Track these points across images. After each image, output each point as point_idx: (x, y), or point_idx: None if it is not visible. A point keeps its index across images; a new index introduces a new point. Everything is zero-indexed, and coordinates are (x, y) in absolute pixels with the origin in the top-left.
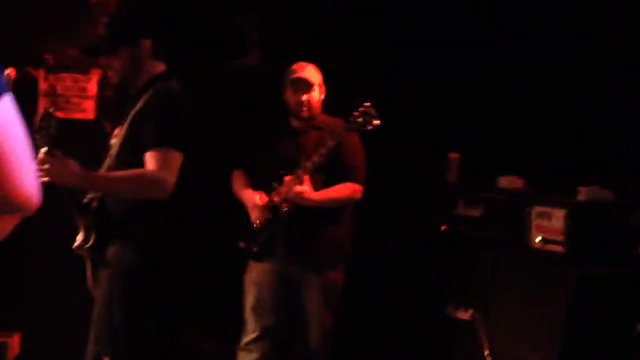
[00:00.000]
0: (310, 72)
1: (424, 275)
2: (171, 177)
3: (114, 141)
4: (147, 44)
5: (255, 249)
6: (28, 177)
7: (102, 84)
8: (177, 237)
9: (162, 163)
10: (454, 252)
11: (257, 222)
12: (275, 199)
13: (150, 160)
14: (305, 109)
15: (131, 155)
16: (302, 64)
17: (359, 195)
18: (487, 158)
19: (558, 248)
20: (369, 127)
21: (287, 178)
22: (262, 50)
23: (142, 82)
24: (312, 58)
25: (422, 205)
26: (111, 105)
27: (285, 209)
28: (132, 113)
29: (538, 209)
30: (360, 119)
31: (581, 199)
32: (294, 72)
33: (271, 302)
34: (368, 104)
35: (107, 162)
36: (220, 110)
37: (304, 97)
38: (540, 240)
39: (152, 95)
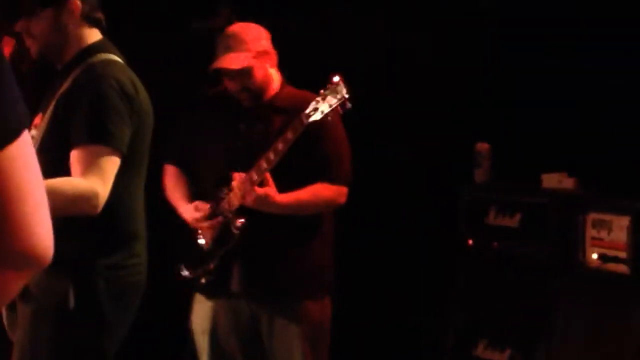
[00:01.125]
0: (234, 56)
1: (445, 304)
2: (102, 186)
3: (34, 133)
4: (76, 3)
5: (202, 280)
6: (45, 223)
7: (17, 56)
8: (119, 261)
9: (91, 166)
10: (484, 274)
11: (203, 243)
12: (226, 209)
13: (76, 162)
14: (245, 96)
15: (57, 153)
16: (226, 35)
17: (342, 199)
18: (526, 150)
19: (621, 267)
20: (338, 110)
21: (237, 178)
22: (233, 9)
23: (70, 55)
24: (302, 18)
25: (443, 213)
26: (29, 84)
27: (240, 222)
28: (57, 96)
29: (594, 216)
30: (329, 100)
31: None
32: (216, 57)
33: (231, 355)
34: (337, 78)
35: None
36: (180, 88)
37: (235, 85)
38: (597, 258)
39: (83, 72)
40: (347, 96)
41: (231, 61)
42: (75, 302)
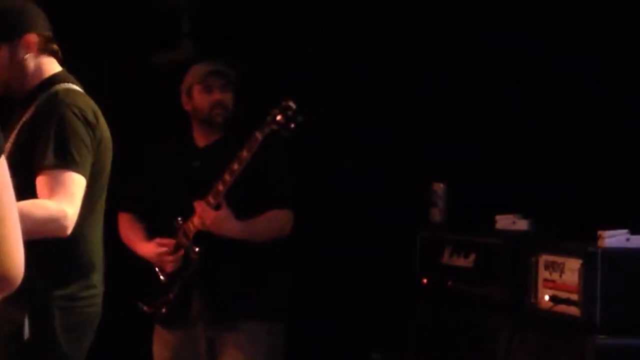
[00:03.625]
0: (227, 68)
1: (400, 341)
2: (71, 209)
3: None
4: (31, 39)
5: (162, 310)
6: (19, 246)
7: None
8: (76, 292)
9: (59, 189)
10: (438, 312)
11: (162, 276)
12: (182, 240)
13: (43, 185)
14: (220, 111)
15: (20, 180)
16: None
17: (290, 225)
18: (482, 190)
19: (572, 310)
20: (290, 127)
21: (196, 205)
22: (195, 42)
23: (31, 86)
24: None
25: (401, 251)
26: None
27: (197, 249)
28: (20, 124)
29: (547, 258)
30: (279, 118)
31: (603, 245)
32: (203, 66)
33: None
34: (288, 100)
35: None
36: (141, 121)
37: (220, 96)
38: (549, 300)
39: (46, 100)
40: (298, 117)
41: (226, 69)
42: (30, 332)
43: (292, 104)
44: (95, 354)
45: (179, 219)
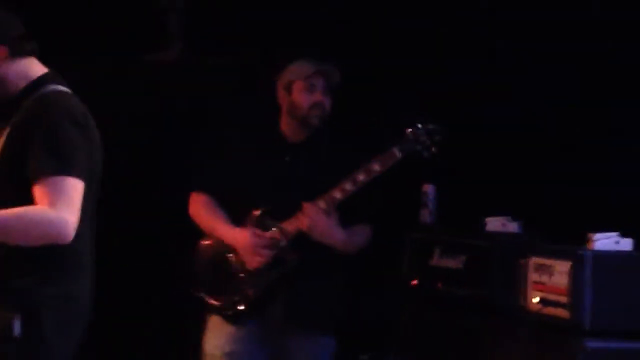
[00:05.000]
0: (333, 69)
1: (388, 343)
2: (72, 215)
3: None
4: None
5: (239, 307)
6: None
7: None
8: (65, 292)
9: (59, 196)
10: (427, 314)
11: (237, 268)
12: (278, 238)
13: (41, 194)
14: (318, 113)
15: (11, 186)
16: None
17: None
18: (471, 192)
19: (562, 312)
20: (432, 150)
21: (306, 208)
22: (185, 42)
23: (17, 90)
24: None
25: (388, 253)
26: None
27: (294, 252)
28: (9, 128)
29: (536, 260)
30: (423, 139)
31: (592, 248)
32: (310, 63)
33: None
34: (438, 125)
35: None
36: (132, 122)
37: (321, 98)
38: (538, 302)
39: (35, 102)
40: (443, 137)
41: (333, 71)
42: (20, 331)
43: (439, 129)
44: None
45: (272, 219)
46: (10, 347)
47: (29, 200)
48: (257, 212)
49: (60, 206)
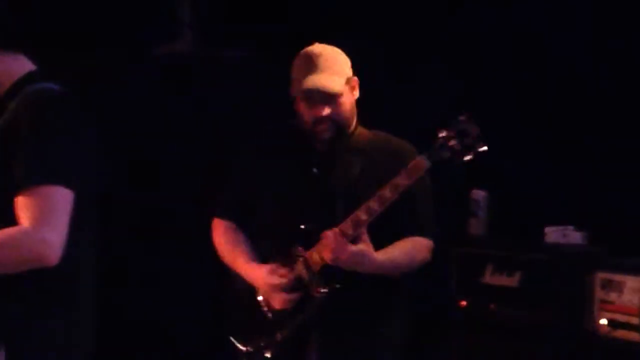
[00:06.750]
0: (331, 78)
1: None
2: (56, 233)
3: None
4: None
5: (267, 354)
6: None
7: None
8: (71, 327)
9: (41, 210)
10: (479, 340)
11: (265, 310)
12: (302, 272)
13: (22, 207)
14: (325, 127)
15: (2, 197)
16: (315, 52)
17: (431, 257)
18: (528, 199)
19: (634, 336)
20: (466, 156)
21: (326, 236)
22: (196, 33)
23: (3, 89)
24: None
25: (432, 269)
26: None
27: (322, 289)
28: None
29: (603, 275)
30: (452, 143)
31: None
32: (303, 76)
33: None
34: (464, 117)
35: None
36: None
37: (325, 111)
38: (607, 324)
39: (20, 103)
40: (479, 144)
41: (327, 82)
42: None
43: (473, 127)
44: None
45: (300, 248)
46: None
47: None
48: (298, 248)
49: (42, 223)
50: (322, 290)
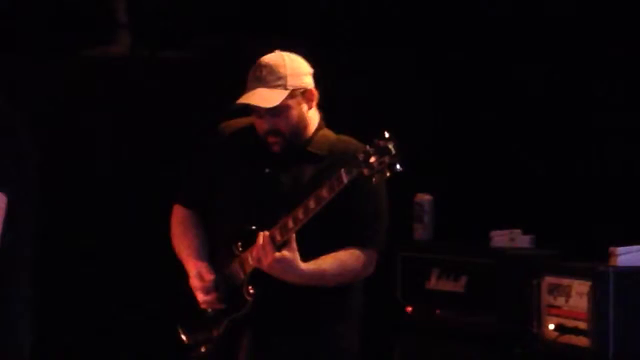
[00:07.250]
0: (270, 92)
1: None
2: None
3: None
4: None
5: (202, 349)
6: None
7: None
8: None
9: None
10: (424, 346)
11: (207, 308)
12: (237, 272)
13: None
14: (276, 140)
15: None
16: (260, 65)
17: (372, 268)
18: (474, 202)
19: (581, 341)
20: (385, 174)
21: (259, 238)
22: (133, 35)
23: None
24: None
25: (376, 274)
26: None
27: (252, 292)
28: None
29: (551, 280)
30: (373, 161)
31: (615, 264)
32: (247, 88)
33: None
34: (387, 135)
35: None
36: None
37: (268, 124)
38: (554, 329)
39: None
40: (396, 165)
41: (262, 98)
42: None
43: (392, 147)
44: None
45: (239, 246)
46: None
47: None
48: (237, 246)
49: None
50: (251, 292)
